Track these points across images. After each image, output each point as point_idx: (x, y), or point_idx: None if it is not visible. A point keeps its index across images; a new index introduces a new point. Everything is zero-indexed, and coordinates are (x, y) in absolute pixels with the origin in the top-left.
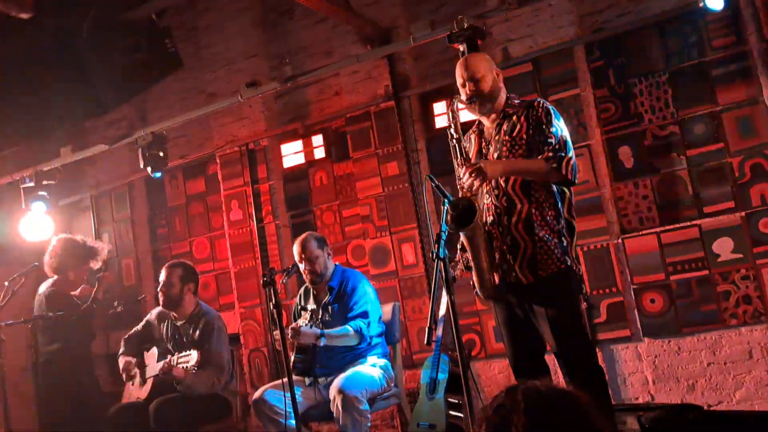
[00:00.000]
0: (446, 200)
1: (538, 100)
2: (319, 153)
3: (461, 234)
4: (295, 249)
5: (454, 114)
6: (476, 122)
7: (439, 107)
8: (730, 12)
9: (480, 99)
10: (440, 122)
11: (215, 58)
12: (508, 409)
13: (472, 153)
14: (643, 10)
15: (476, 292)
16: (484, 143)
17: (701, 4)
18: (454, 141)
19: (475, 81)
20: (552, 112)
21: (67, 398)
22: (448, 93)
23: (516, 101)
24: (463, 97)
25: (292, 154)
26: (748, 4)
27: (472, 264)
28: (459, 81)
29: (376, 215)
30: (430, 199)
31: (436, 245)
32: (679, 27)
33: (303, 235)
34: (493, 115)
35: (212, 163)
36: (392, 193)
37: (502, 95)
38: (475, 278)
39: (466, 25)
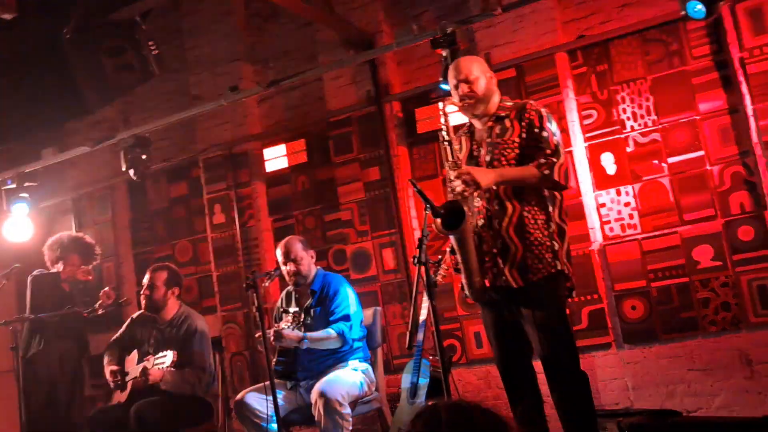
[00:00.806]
0: (427, 205)
1: (531, 102)
2: (302, 157)
3: (451, 237)
4: (279, 251)
5: (445, 116)
6: (467, 124)
7: (422, 112)
8: (712, 21)
9: (472, 101)
10: (422, 127)
11: (199, 61)
12: (431, 423)
13: (462, 155)
14: (625, 17)
15: (465, 294)
16: (475, 145)
17: (683, 13)
18: (446, 143)
19: (468, 83)
20: (545, 115)
21: (49, 399)
22: (431, 98)
23: (508, 104)
24: (456, 98)
25: (274, 159)
26: (728, 13)
27: (461, 266)
28: (452, 82)
29: (357, 220)
30: (413, 204)
31: (418, 250)
32: (661, 35)
33: (287, 238)
34: (485, 118)
35: (195, 166)
36: (374, 198)
37: (495, 98)
38: (464, 280)
39: (449, 31)
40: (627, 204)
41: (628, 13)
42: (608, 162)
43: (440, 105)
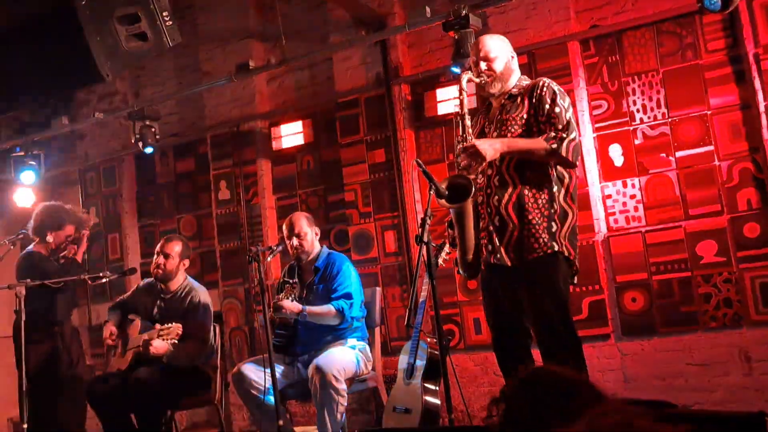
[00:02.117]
0: (432, 185)
1: (544, 80)
2: (308, 137)
3: (451, 210)
4: (285, 225)
5: (461, 90)
6: (486, 104)
7: (431, 96)
8: (728, 16)
9: (490, 79)
10: (431, 111)
11: (210, 38)
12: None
13: (475, 132)
14: (640, 8)
15: (458, 270)
16: (487, 123)
17: (699, 5)
18: (458, 117)
19: (488, 61)
20: (557, 91)
21: (47, 365)
22: (440, 82)
23: (525, 82)
24: (474, 76)
25: (281, 137)
26: (745, 8)
27: (457, 241)
28: (472, 59)
29: (360, 201)
30: (417, 187)
31: (421, 229)
32: (676, 27)
33: (294, 213)
34: (501, 97)
35: (203, 142)
36: (378, 180)
37: (514, 78)
38: (458, 256)
39: (462, 14)
40: (633, 196)
41: (643, 4)
42: (616, 153)
43: (463, 77)
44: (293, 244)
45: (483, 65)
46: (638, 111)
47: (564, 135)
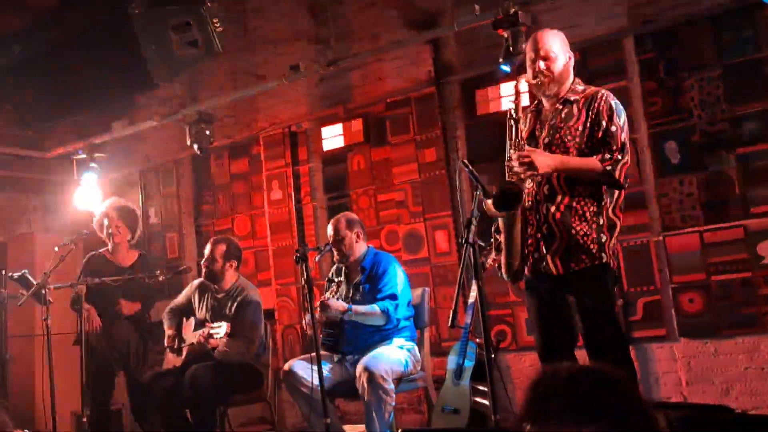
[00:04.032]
0: (479, 186)
1: (603, 92)
2: (358, 137)
3: (500, 218)
4: (328, 228)
5: (517, 93)
6: (536, 102)
7: (481, 94)
8: None
9: (547, 80)
10: (481, 109)
11: (262, 41)
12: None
13: (525, 132)
14: (696, 2)
15: (500, 274)
16: (538, 125)
17: None
18: (512, 122)
19: (546, 60)
20: (614, 107)
21: (109, 362)
22: (491, 80)
23: (579, 87)
24: (529, 74)
25: (332, 138)
26: None
27: (503, 246)
28: (529, 56)
29: (411, 201)
30: (467, 186)
31: (466, 230)
32: (734, 21)
33: (335, 217)
34: (554, 99)
35: (256, 143)
36: (428, 180)
37: (571, 79)
38: (503, 260)
39: (511, 11)
40: (690, 194)
41: None
42: (672, 151)
43: (520, 80)
44: (334, 247)
45: (542, 64)
46: (696, 107)
47: (619, 157)
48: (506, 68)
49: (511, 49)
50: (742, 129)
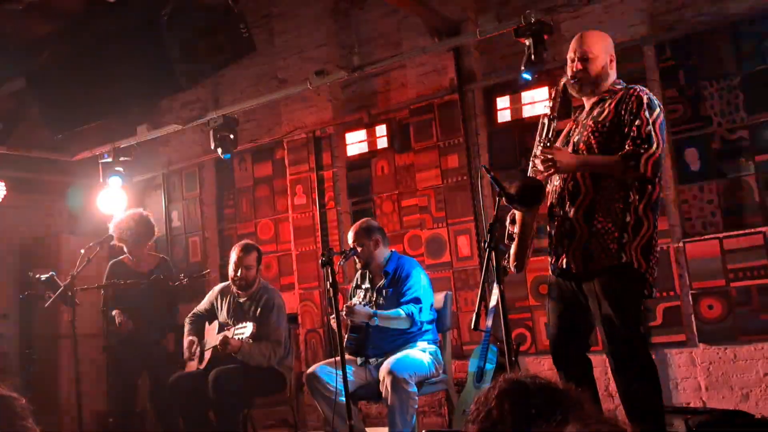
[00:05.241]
0: (501, 191)
1: (635, 87)
2: (382, 143)
3: (517, 212)
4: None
5: (557, 93)
6: (578, 106)
7: (503, 101)
8: None
9: (584, 79)
10: (503, 116)
11: (287, 45)
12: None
13: (563, 133)
14: (718, 11)
15: (506, 264)
16: (574, 126)
17: None
18: (546, 119)
19: (585, 60)
20: (644, 101)
21: (134, 364)
22: (513, 87)
23: (618, 86)
24: (568, 73)
25: (356, 143)
26: None
27: (516, 237)
28: (570, 54)
29: (434, 206)
30: (489, 192)
31: (489, 235)
32: (755, 29)
33: (354, 224)
34: (594, 99)
35: (280, 148)
36: (451, 186)
37: (609, 80)
38: (512, 251)
39: (533, 20)
40: (710, 201)
41: (720, 7)
42: (693, 158)
43: (561, 81)
44: (355, 256)
45: (579, 64)
46: (716, 115)
47: (642, 150)
48: (528, 76)
49: (532, 57)
50: (762, 137)
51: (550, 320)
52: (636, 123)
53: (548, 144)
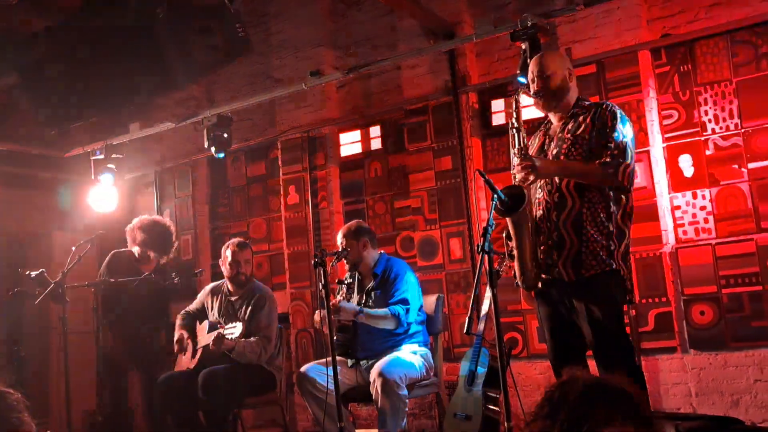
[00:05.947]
0: (495, 195)
1: (607, 103)
2: (376, 144)
3: (508, 221)
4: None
5: (517, 103)
6: (546, 120)
7: (497, 104)
8: None
9: (545, 95)
10: (497, 119)
11: (283, 45)
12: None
13: (534, 147)
14: (713, 17)
15: (516, 283)
16: (547, 140)
17: None
18: (514, 130)
19: (544, 78)
20: (618, 116)
21: (125, 362)
22: (508, 91)
23: (586, 103)
24: (532, 91)
25: (349, 144)
26: None
27: (515, 252)
28: (530, 76)
29: (426, 208)
30: (483, 195)
31: (482, 238)
32: (751, 36)
33: (343, 227)
34: (560, 114)
35: (274, 147)
36: (444, 188)
37: (572, 94)
38: (517, 268)
39: (529, 24)
40: (703, 207)
41: (716, 13)
42: (686, 164)
43: (518, 93)
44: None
45: (539, 82)
46: (710, 121)
47: (620, 160)
48: (523, 80)
49: (528, 61)
50: (755, 143)
51: (546, 333)
52: (613, 135)
53: (523, 153)
